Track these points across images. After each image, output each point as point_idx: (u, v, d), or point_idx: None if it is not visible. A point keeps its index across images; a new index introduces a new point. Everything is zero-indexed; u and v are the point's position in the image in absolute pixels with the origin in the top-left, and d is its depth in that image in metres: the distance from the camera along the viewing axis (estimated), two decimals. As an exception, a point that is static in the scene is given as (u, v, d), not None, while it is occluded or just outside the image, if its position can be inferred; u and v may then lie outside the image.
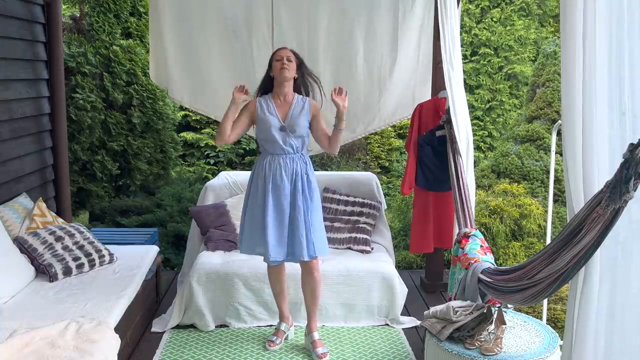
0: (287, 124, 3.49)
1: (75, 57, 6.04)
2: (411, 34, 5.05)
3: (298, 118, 3.50)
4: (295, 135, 3.48)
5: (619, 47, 2.01)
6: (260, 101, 3.57)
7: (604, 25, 2.01)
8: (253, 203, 3.54)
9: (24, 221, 3.86)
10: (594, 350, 2.06)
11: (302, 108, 3.53)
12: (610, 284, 2.07)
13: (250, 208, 3.56)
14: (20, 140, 4.25)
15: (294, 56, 3.53)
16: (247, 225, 3.58)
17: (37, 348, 2.60)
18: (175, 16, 4.95)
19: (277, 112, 3.52)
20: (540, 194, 6.01)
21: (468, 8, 8.32)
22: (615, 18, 2.01)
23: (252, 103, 3.56)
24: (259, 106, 3.54)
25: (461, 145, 3.82)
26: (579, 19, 2.04)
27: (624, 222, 2.01)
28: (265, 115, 3.51)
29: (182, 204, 6.14)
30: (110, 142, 6.26)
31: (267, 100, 3.56)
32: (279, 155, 3.50)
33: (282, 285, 3.76)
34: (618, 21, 2.01)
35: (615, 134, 2.01)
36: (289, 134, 3.48)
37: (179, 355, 3.63)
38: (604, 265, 2.06)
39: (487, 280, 2.83)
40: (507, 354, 2.72)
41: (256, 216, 3.51)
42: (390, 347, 3.77)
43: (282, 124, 3.48)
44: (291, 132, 3.48)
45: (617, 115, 2.02)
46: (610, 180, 1.95)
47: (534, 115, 6.50)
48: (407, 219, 5.97)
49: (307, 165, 3.54)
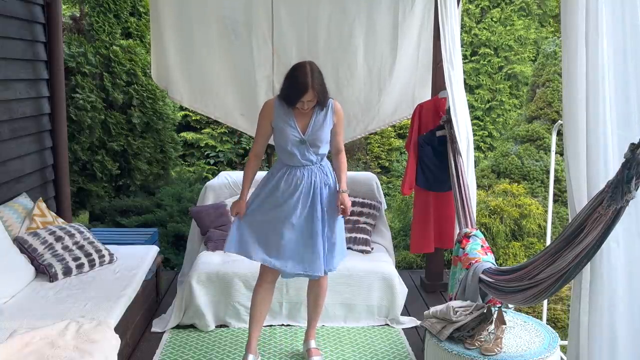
0: (308, 137, 3.22)
1: (75, 57, 6.04)
2: (411, 34, 5.06)
3: (320, 131, 3.22)
4: (315, 148, 3.23)
5: (623, 46, 2.01)
6: (278, 107, 3.25)
7: (607, 24, 2.01)
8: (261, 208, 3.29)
9: (24, 221, 3.85)
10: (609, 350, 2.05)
11: (324, 117, 3.24)
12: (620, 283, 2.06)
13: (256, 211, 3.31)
14: (20, 140, 4.24)
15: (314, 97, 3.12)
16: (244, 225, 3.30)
17: (37, 348, 2.59)
18: (176, 16, 4.95)
19: (297, 124, 3.22)
20: (540, 194, 6.01)
21: (468, 8, 8.32)
22: (618, 16, 2.01)
23: (270, 105, 3.29)
24: (276, 112, 3.24)
25: (461, 145, 3.82)
26: (581, 18, 2.04)
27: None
28: (284, 126, 3.22)
29: (182, 204, 6.14)
30: (110, 142, 6.26)
31: (285, 109, 3.23)
32: (296, 168, 3.26)
33: (264, 313, 3.45)
34: (620, 20, 2.01)
35: (619, 134, 2.01)
36: (308, 148, 3.22)
37: (179, 355, 3.63)
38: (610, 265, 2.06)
39: (488, 281, 2.83)
40: (507, 354, 2.72)
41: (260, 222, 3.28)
42: (390, 347, 3.76)
43: (301, 137, 3.21)
44: (311, 146, 3.22)
45: (622, 115, 2.02)
46: (612, 180, 1.94)
47: (534, 115, 6.50)
48: (407, 219, 5.97)
49: (326, 177, 3.31)
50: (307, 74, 3.10)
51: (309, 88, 3.08)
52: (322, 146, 3.26)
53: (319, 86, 3.13)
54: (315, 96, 3.12)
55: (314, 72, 3.13)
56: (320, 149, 3.26)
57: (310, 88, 3.09)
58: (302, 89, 3.09)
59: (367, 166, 7.61)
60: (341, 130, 3.38)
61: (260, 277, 3.42)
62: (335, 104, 3.31)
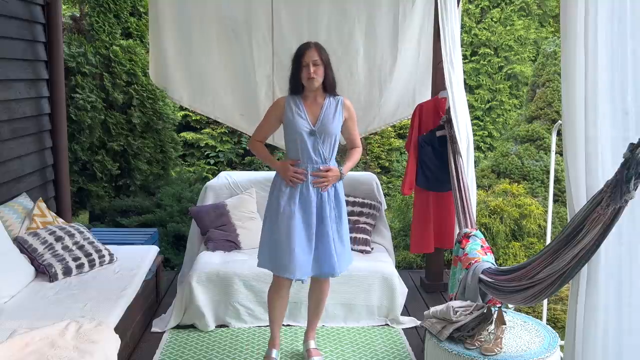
0: (318, 128, 3.19)
1: (75, 57, 6.04)
2: (411, 34, 5.06)
3: (331, 122, 3.20)
4: (325, 140, 3.21)
5: (621, 47, 2.01)
6: (289, 101, 3.25)
7: (606, 25, 2.01)
8: (276, 215, 3.26)
9: (24, 221, 3.85)
10: (603, 350, 2.06)
11: (335, 110, 3.24)
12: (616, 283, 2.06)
13: (271, 220, 3.29)
14: (20, 140, 4.25)
15: (319, 57, 3.16)
16: (266, 238, 3.31)
17: (37, 348, 2.60)
18: (175, 16, 4.95)
19: (307, 115, 3.21)
20: (540, 194, 6.01)
21: (468, 8, 8.32)
22: (617, 17, 2.01)
23: (281, 103, 3.28)
24: (287, 107, 3.24)
25: (461, 145, 3.82)
26: (580, 18, 2.04)
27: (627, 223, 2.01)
28: (294, 117, 3.20)
29: (182, 204, 6.14)
30: (110, 142, 6.26)
31: (296, 100, 3.23)
32: (305, 165, 3.23)
33: (283, 313, 3.51)
34: (620, 20, 2.01)
35: (618, 135, 2.01)
36: (318, 140, 3.20)
37: (179, 355, 3.63)
38: (609, 265, 2.06)
39: (488, 280, 2.83)
40: (507, 354, 2.72)
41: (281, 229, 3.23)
42: (390, 347, 3.76)
43: (312, 128, 3.19)
44: (320, 137, 3.20)
45: (620, 115, 2.02)
46: (611, 180, 1.94)
47: (534, 115, 6.50)
48: (407, 219, 5.97)
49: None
50: (310, 42, 3.21)
51: (311, 46, 3.16)
52: (333, 137, 3.23)
53: (324, 54, 3.19)
54: (320, 58, 3.15)
55: (317, 44, 3.22)
56: (331, 141, 3.23)
57: (314, 47, 3.16)
58: (305, 47, 3.17)
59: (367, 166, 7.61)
60: (354, 125, 3.39)
61: (276, 284, 3.39)
62: (345, 100, 3.31)
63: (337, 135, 3.27)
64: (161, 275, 4.50)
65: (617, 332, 2.06)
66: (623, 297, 2.06)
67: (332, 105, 3.25)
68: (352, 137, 3.42)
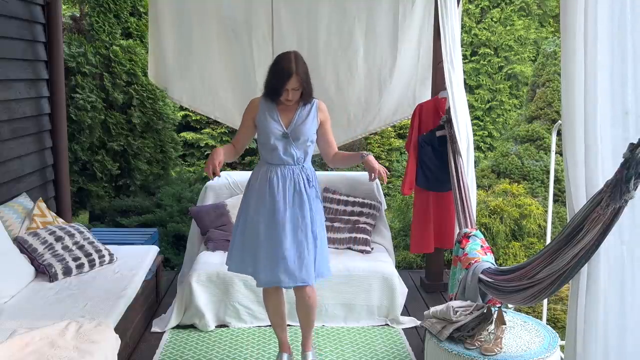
0: (290, 131, 3.13)
1: (75, 57, 6.04)
2: (411, 34, 5.06)
3: (303, 125, 3.13)
4: (298, 144, 3.13)
5: (621, 47, 2.01)
6: (263, 103, 3.19)
7: (606, 25, 2.01)
8: (246, 216, 3.20)
9: (24, 221, 3.85)
10: (603, 350, 2.06)
11: (308, 113, 3.17)
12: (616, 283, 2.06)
13: (242, 222, 3.22)
14: (20, 140, 4.25)
15: (299, 83, 3.04)
16: (237, 240, 3.23)
17: (37, 348, 2.60)
18: (175, 16, 4.95)
19: (280, 117, 3.15)
20: (540, 194, 6.01)
21: (468, 8, 8.32)
22: (617, 17, 2.00)
23: (255, 103, 3.22)
24: (261, 108, 3.18)
25: (461, 145, 3.82)
26: (580, 18, 2.04)
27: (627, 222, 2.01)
28: (266, 120, 3.14)
29: (182, 204, 6.14)
30: (110, 142, 6.26)
31: (269, 103, 3.17)
32: (276, 166, 3.15)
33: (283, 317, 3.42)
34: (620, 20, 2.01)
35: (618, 134, 2.01)
36: (290, 143, 3.13)
37: (179, 355, 3.63)
38: (610, 265, 2.06)
39: (488, 280, 2.83)
40: (507, 354, 2.72)
41: (248, 232, 3.18)
42: (390, 347, 3.76)
43: (284, 131, 3.12)
44: (294, 140, 3.12)
45: (620, 115, 2.02)
46: (611, 180, 1.94)
47: (534, 115, 6.50)
48: (407, 219, 5.97)
49: (308, 179, 3.17)
50: (292, 60, 3.03)
51: (293, 73, 3.00)
52: (306, 141, 3.15)
53: (304, 74, 3.06)
54: (300, 84, 3.04)
55: (298, 59, 3.05)
56: (303, 144, 3.15)
57: (295, 74, 3.01)
58: (287, 74, 3.01)
59: (367, 166, 7.59)
60: (330, 128, 3.30)
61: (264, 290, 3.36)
62: (320, 104, 3.23)
63: (312, 138, 3.19)
64: (161, 275, 4.50)
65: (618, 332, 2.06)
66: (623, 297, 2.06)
67: (305, 108, 3.18)
68: (330, 140, 3.30)
